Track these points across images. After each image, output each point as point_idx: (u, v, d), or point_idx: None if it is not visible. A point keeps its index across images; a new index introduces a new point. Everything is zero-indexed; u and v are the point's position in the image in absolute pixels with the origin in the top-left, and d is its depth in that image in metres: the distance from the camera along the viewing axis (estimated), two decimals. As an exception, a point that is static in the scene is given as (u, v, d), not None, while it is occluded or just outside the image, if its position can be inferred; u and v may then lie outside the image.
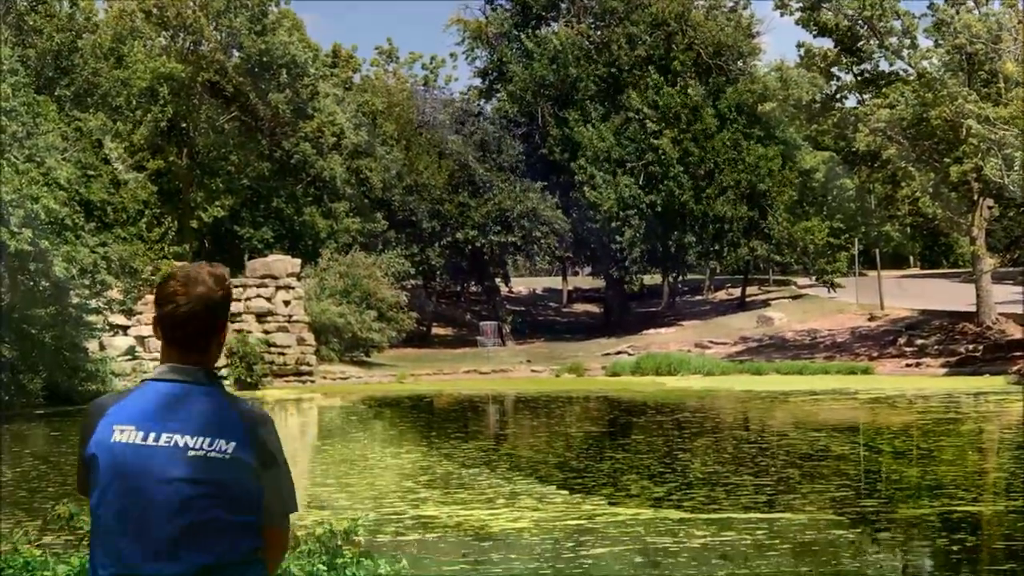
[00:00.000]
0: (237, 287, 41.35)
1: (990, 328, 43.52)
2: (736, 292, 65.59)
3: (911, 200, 49.25)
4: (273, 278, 42.25)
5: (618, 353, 48.58)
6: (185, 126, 52.64)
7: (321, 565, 7.96)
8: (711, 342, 50.05)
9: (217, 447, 3.61)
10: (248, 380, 39.59)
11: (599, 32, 62.17)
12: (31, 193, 28.99)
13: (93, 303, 33.04)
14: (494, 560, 12.41)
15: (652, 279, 69.69)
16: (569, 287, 76.74)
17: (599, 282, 71.05)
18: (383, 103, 60.53)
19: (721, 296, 68.94)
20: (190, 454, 3.60)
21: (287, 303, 42.23)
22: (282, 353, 41.14)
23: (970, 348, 41.36)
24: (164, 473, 3.59)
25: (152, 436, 3.62)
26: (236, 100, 53.26)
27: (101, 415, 3.70)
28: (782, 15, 48.28)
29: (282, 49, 51.38)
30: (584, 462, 20.22)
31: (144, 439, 3.62)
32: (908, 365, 41.03)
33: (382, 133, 58.11)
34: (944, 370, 39.40)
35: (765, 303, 59.50)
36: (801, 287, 64.23)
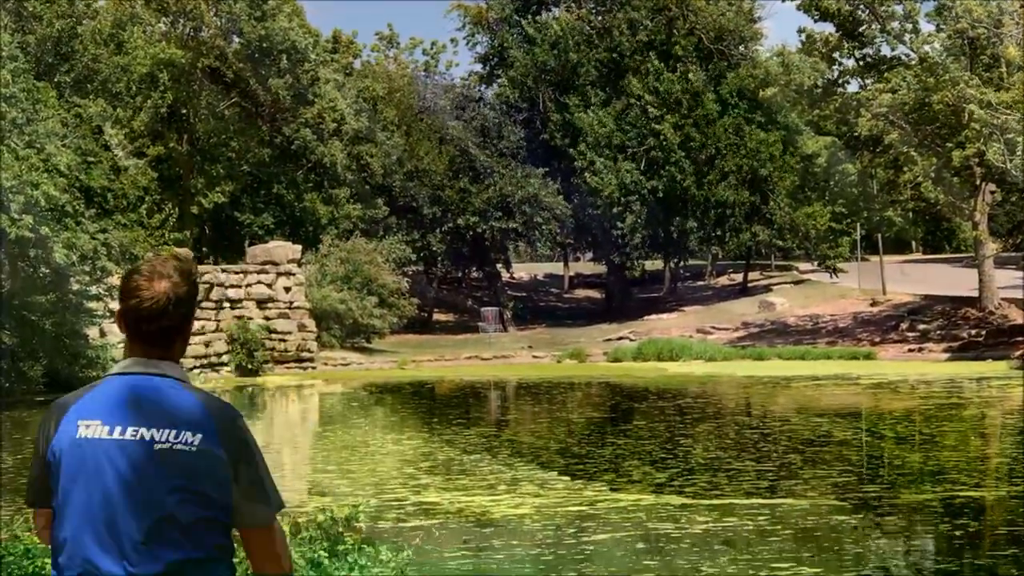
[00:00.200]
0: (237, 273, 41.33)
1: (992, 313, 43.48)
2: (738, 277, 65.52)
3: (913, 185, 49.15)
4: (274, 264, 42.20)
5: (620, 339, 48.55)
6: (185, 112, 52.54)
7: (322, 552, 7.94)
8: (713, 327, 50.00)
9: (183, 439, 3.53)
10: (249, 367, 39.57)
11: (600, 17, 62.02)
12: (31, 179, 28.93)
13: (93, 290, 32.98)
14: (495, 546, 12.39)
15: (654, 265, 69.65)
16: (570, 273, 76.67)
17: (600, 268, 71.00)
18: (383, 89, 60.43)
19: (723, 282, 68.86)
20: (156, 447, 3.53)
21: (288, 289, 42.19)
22: (283, 339, 41.11)
23: (972, 333, 41.32)
24: (131, 468, 3.53)
25: (118, 430, 3.55)
26: (236, 86, 53.16)
27: (63, 414, 3.64)
28: (783, 0, 48.14)
29: (282, 35, 51.25)
30: (586, 448, 20.19)
31: (110, 433, 3.55)
32: (910, 350, 40.99)
33: (383, 119, 58.02)
34: (946, 355, 39.36)
35: (767, 288, 59.45)
36: (803, 272, 64.18)
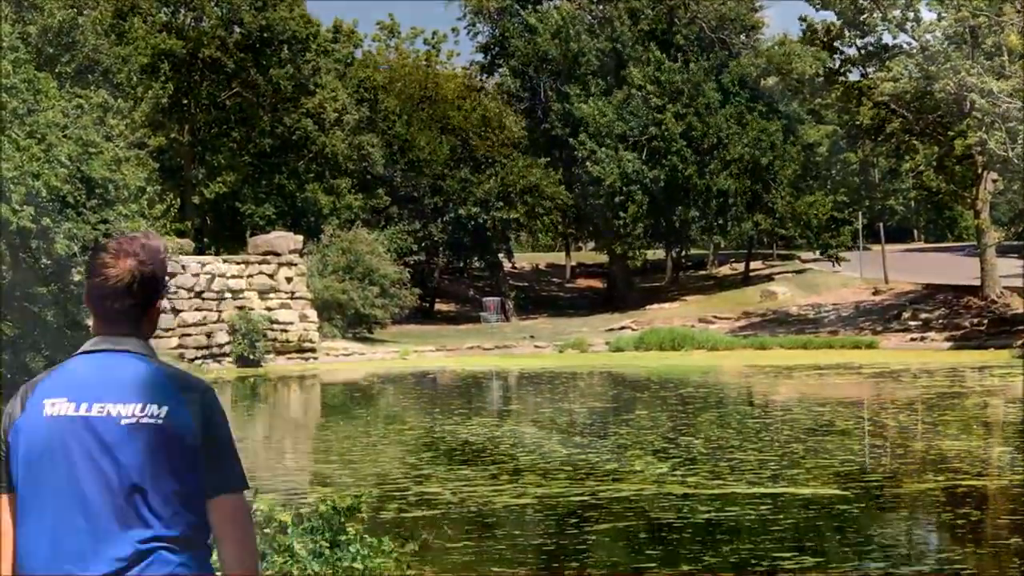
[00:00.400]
0: (239, 264, 41.31)
1: (995, 302, 43.48)
2: (740, 267, 65.48)
3: (915, 174, 49.13)
4: (275, 255, 42.17)
5: (621, 328, 48.56)
6: (186, 103, 52.52)
7: (324, 542, 7.93)
8: (715, 317, 50.01)
9: (149, 412, 3.48)
10: (251, 357, 39.56)
11: (601, 6, 61.93)
12: (32, 170, 28.89)
13: (95, 281, 32.91)
14: (498, 536, 12.39)
15: (655, 254, 69.63)
16: (572, 262, 76.64)
17: (602, 257, 70.96)
18: (385, 79, 60.36)
19: (725, 271, 68.83)
20: (123, 423, 3.47)
21: (289, 280, 42.16)
22: (285, 330, 41.11)
23: (974, 322, 41.32)
24: (98, 445, 3.47)
25: (84, 407, 3.50)
26: (237, 76, 53.10)
27: (28, 394, 3.58)
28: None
29: (283, 25, 51.22)
30: (588, 438, 20.18)
31: (76, 410, 3.49)
32: (912, 339, 41.00)
33: (384, 109, 57.97)
34: (948, 344, 39.36)
35: (769, 278, 59.43)
36: (805, 261, 64.14)
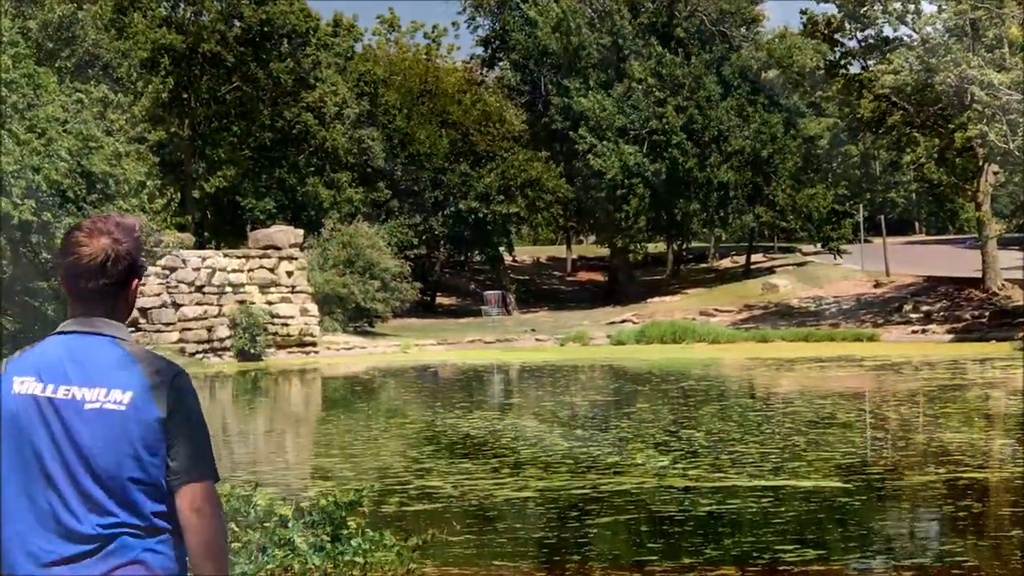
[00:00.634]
0: (239, 258, 41.30)
1: (996, 294, 43.47)
2: (741, 260, 65.49)
3: (916, 166, 49.12)
4: (276, 249, 42.17)
5: (623, 322, 48.56)
6: (186, 97, 52.49)
7: (325, 536, 7.92)
8: (716, 310, 50.00)
9: (113, 398, 3.43)
10: (251, 351, 39.56)
11: (601, 0, 61.86)
12: (33, 164, 28.92)
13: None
14: (499, 530, 12.38)
15: (656, 247, 69.62)
16: (573, 256, 76.66)
17: (603, 250, 70.98)
18: (385, 72, 60.35)
19: (726, 264, 68.86)
20: (87, 407, 3.43)
21: (290, 274, 42.17)
22: (285, 324, 41.12)
23: (976, 314, 41.31)
24: (62, 428, 3.43)
25: (51, 388, 3.46)
26: (237, 70, 53.09)
27: (1, 371, 3.54)
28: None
29: (283, 19, 51.19)
30: (589, 431, 20.17)
31: (43, 391, 3.46)
32: (914, 332, 40.99)
33: (384, 103, 57.94)
34: (950, 336, 39.35)
35: (770, 270, 59.43)
36: (806, 254, 64.16)
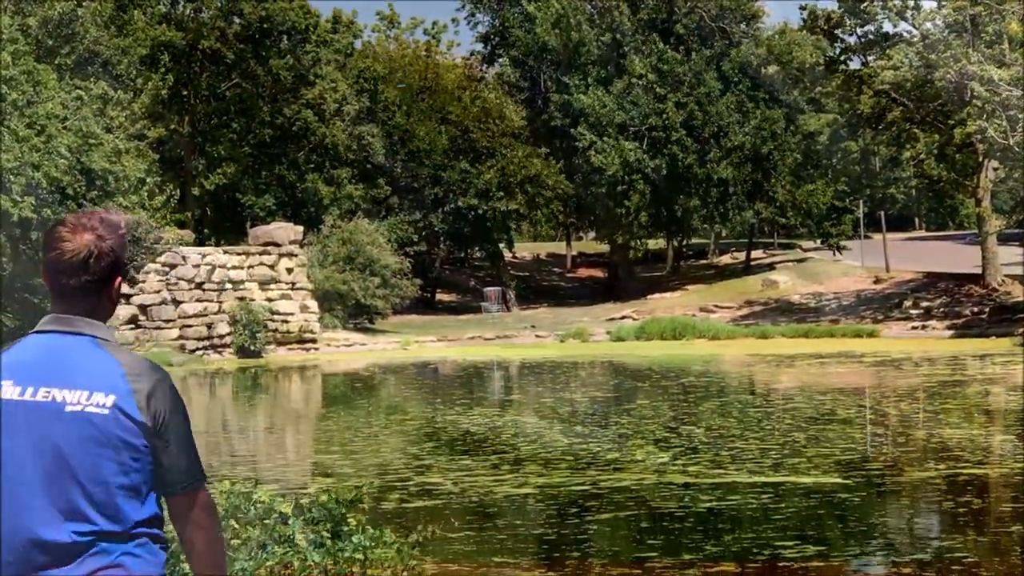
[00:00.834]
0: (239, 255, 41.30)
1: (996, 290, 43.48)
2: (741, 256, 65.48)
3: (916, 162, 49.11)
4: (276, 245, 42.16)
5: (622, 318, 48.57)
6: (186, 94, 52.49)
7: (325, 533, 7.93)
8: (716, 306, 50.01)
9: (95, 401, 3.35)
10: (251, 348, 39.57)
11: (601, -4, 61.88)
12: (32, 161, 28.91)
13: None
14: (499, 526, 12.38)
15: (656, 244, 69.62)
16: (573, 252, 76.65)
17: (603, 247, 70.97)
18: (384, 69, 60.32)
19: (726, 260, 68.84)
20: (67, 410, 3.35)
21: (290, 270, 42.16)
22: (285, 321, 41.12)
23: (976, 310, 41.32)
24: (41, 432, 3.34)
25: (29, 391, 3.38)
26: (237, 67, 53.08)
27: None
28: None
29: (282, 15, 51.18)
30: (589, 428, 20.18)
31: (21, 394, 3.37)
32: (914, 328, 41.00)
33: (384, 99, 57.93)
34: (950, 332, 39.36)
35: (770, 267, 59.43)
36: (806, 250, 64.17)
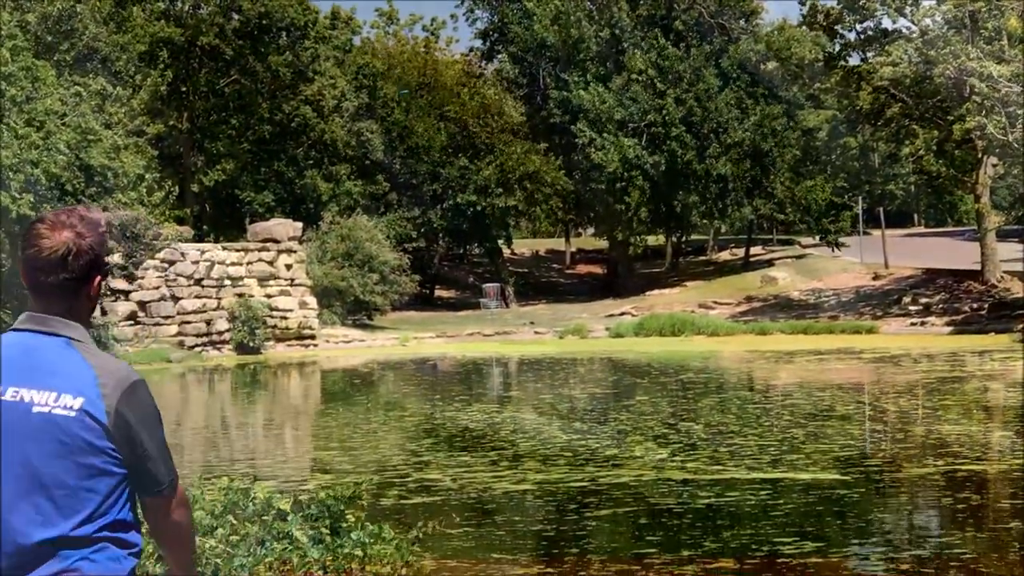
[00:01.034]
0: (238, 251, 41.30)
1: (995, 286, 43.47)
2: (740, 252, 65.51)
3: (915, 158, 49.11)
4: (275, 242, 42.16)
5: (621, 314, 48.56)
6: (185, 90, 52.49)
7: (324, 529, 7.94)
8: (715, 302, 50.01)
9: (63, 403, 3.31)
10: (250, 344, 39.58)
11: (600, -8, 61.90)
12: (31, 158, 28.91)
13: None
14: (497, 523, 12.39)
15: (656, 240, 69.64)
16: (572, 248, 76.68)
17: (602, 243, 70.99)
18: (383, 65, 60.31)
19: (725, 256, 68.87)
20: (35, 410, 3.31)
21: (289, 267, 42.17)
22: (284, 317, 41.12)
23: (975, 307, 41.31)
24: (7, 432, 3.31)
25: None
26: (236, 64, 53.07)
27: None
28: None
29: (281, 12, 51.17)
30: (588, 424, 20.18)
31: None
32: (913, 324, 40.99)
33: (383, 95, 57.92)
34: (949, 329, 39.34)
35: (769, 263, 59.45)
36: (805, 247, 64.17)
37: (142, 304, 37.85)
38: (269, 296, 41.11)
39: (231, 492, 7.89)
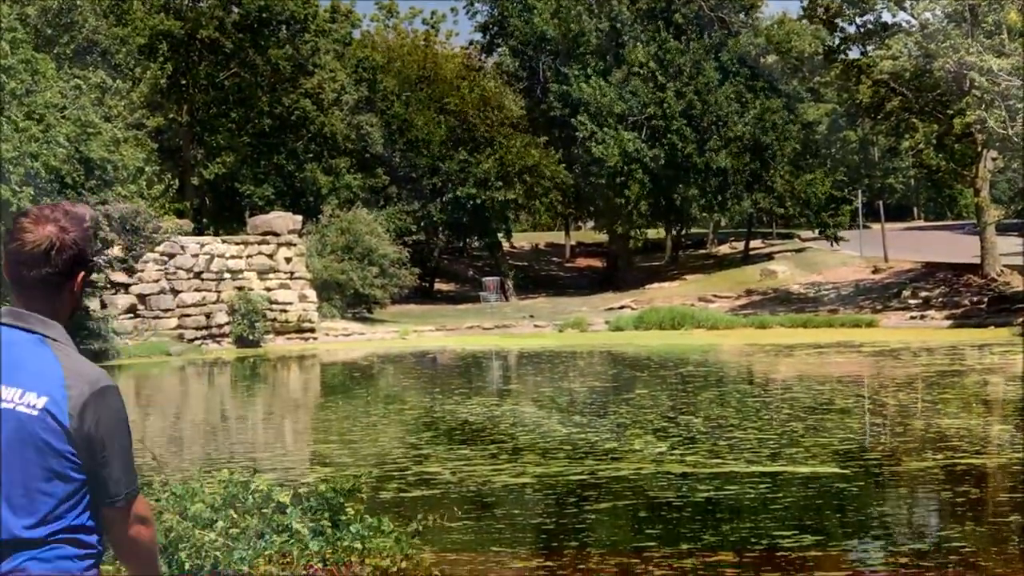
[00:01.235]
0: (238, 244, 41.29)
1: (995, 280, 43.46)
2: (740, 246, 65.50)
3: (915, 152, 49.07)
4: (275, 235, 42.16)
5: (621, 308, 48.55)
6: (185, 83, 52.44)
7: (325, 522, 7.94)
8: (715, 296, 50.01)
9: (27, 401, 3.23)
10: (250, 337, 39.57)
11: (600, -14, 61.80)
12: (31, 151, 28.89)
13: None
14: (497, 516, 12.40)
15: (656, 233, 69.61)
16: (572, 242, 76.65)
17: (602, 236, 70.97)
18: (383, 58, 60.25)
19: (724, 250, 68.86)
20: (1, 406, 3.24)
21: (289, 260, 42.17)
22: (284, 310, 41.13)
23: (974, 300, 41.31)
24: None
25: None
26: (236, 57, 53.01)
27: None
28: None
29: (281, 5, 51.11)
30: (587, 417, 20.19)
31: None
32: (912, 318, 40.99)
33: (383, 89, 57.87)
34: (948, 322, 39.34)
35: (769, 256, 59.42)
36: (805, 240, 64.15)
37: (142, 297, 37.84)
38: (269, 289, 41.11)
39: (231, 485, 7.88)
